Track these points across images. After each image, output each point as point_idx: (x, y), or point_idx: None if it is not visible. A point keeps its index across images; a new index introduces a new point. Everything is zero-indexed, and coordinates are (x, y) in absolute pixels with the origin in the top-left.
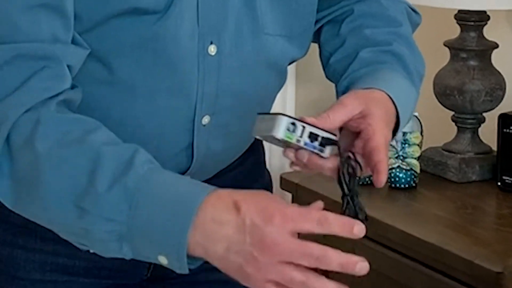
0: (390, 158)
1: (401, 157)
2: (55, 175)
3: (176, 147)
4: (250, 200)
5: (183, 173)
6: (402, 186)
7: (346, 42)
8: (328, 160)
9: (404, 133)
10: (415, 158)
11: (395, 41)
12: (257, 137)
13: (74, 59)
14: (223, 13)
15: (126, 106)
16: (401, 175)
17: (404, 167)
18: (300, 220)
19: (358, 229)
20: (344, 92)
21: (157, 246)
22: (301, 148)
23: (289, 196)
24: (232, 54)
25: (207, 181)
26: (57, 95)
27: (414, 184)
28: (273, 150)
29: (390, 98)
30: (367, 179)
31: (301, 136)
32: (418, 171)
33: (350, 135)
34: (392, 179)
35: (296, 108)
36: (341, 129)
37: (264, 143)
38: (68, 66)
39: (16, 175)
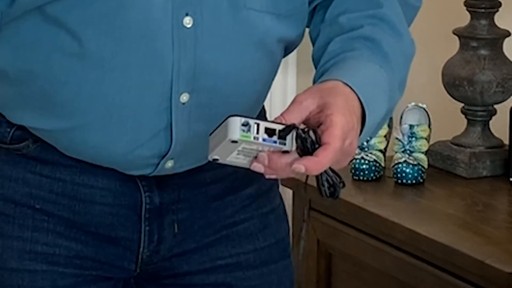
0: (396, 152)
1: (408, 152)
2: None
3: (154, 128)
4: None
5: (163, 157)
6: (409, 182)
7: (322, 32)
8: (293, 155)
9: (411, 126)
10: (422, 153)
11: (369, 23)
12: (215, 158)
13: None
14: None
15: (97, 81)
16: (408, 170)
17: (411, 162)
18: None
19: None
20: None
21: None
22: (260, 149)
23: (289, 192)
24: (211, 28)
25: (201, 172)
26: None
27: (421, 180)
28: None
29: (347, 85)
30: (371, 174)
31: (257, 133)
32: (426, 166)
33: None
34: (399, 175)
35: None
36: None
37: None
38: None
39: None
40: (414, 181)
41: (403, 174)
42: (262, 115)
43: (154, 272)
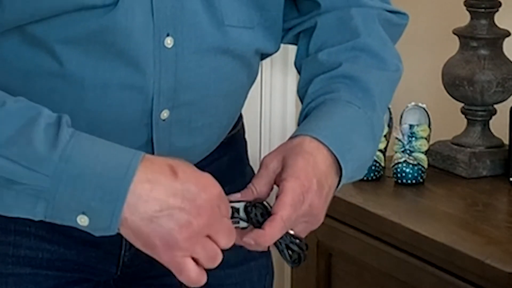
0: (396, 152)
1: (408, 151)
2: None
3: (134, 143)
4: (186, 167)
5: None
6: (409, 182)
7: (304, 68)
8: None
9: (411, 126)
10: (422, 152)
11: (348, 58)
12: None
13: None
14: (179, 4)
15: (78, 99)
16: (408, 170)
17: (411, 161)
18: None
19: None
20: None
21: (83, 201)
22: None
23: None
24: (191, 47)
25: None
26: None
27: (421, 180)
28: (273, 146)
29: (317, 138)
30: (371, 174)
31: None
32: (426, 166)
33: None
34: (399, 175)
35: (296, 102)
36: None
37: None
38: None
39: None
40: (414, 181)
41: (403, 174)
42: (239, 123)
43: (135, 273)
